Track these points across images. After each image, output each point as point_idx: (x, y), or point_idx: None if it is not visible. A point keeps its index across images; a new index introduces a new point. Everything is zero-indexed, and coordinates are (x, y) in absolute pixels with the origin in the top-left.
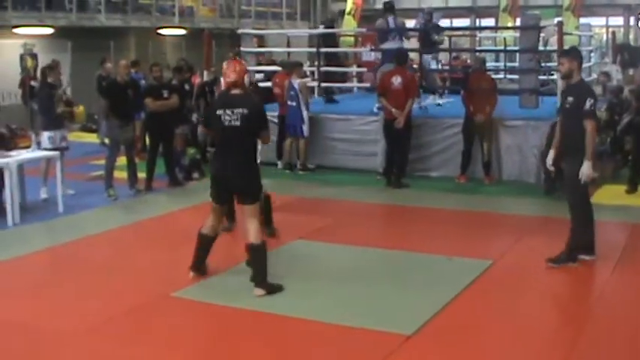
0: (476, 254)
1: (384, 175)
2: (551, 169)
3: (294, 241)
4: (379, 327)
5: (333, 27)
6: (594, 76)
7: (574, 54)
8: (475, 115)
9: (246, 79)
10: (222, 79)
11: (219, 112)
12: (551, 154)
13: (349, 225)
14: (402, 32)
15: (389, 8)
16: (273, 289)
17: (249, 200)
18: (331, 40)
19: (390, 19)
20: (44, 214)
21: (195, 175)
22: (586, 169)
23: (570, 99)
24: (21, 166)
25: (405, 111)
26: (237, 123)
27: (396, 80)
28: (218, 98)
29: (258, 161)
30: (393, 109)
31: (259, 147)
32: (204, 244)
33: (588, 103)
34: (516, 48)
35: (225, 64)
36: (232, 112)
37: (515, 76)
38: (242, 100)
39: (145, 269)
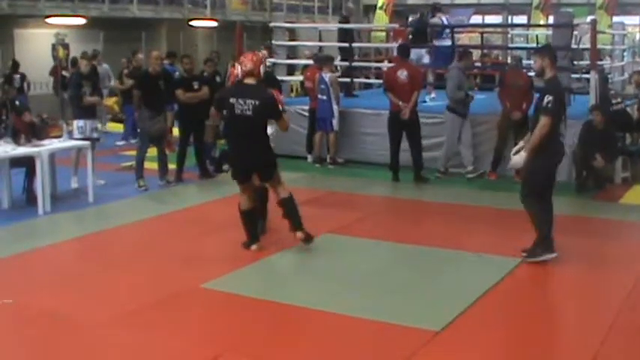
0: (505, 251)
1: (391, 170)
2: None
3: (322, 235)
4: (407, 322)
5: (348, 22)
6: (626, 75)
7: (545, 51)
8: (512, 112)
9: (262, 68)
10: (238, 68)
11: (232, 100)
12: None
13: (378, 220)
14: (454, 30)
15: (439, 8)
16: (310, 236)
17: (268, 177)
18: (347, 35)
19: (444, 17)
20: (75, 203)
21: (226, 166)
22: (517, 158)
23: (539, 95)
24: (52, 156)
25: (411, 102)
26: (249, 113)
27: (402, 74)
28: (232, 86)
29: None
30: (400, 102)
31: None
32: (248, 218)
33: (546, 100)
34: None
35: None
36: (244, 102)
37: None
38: (254, 91)
39: (175, 260)
